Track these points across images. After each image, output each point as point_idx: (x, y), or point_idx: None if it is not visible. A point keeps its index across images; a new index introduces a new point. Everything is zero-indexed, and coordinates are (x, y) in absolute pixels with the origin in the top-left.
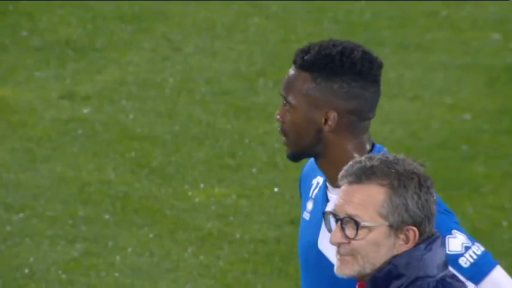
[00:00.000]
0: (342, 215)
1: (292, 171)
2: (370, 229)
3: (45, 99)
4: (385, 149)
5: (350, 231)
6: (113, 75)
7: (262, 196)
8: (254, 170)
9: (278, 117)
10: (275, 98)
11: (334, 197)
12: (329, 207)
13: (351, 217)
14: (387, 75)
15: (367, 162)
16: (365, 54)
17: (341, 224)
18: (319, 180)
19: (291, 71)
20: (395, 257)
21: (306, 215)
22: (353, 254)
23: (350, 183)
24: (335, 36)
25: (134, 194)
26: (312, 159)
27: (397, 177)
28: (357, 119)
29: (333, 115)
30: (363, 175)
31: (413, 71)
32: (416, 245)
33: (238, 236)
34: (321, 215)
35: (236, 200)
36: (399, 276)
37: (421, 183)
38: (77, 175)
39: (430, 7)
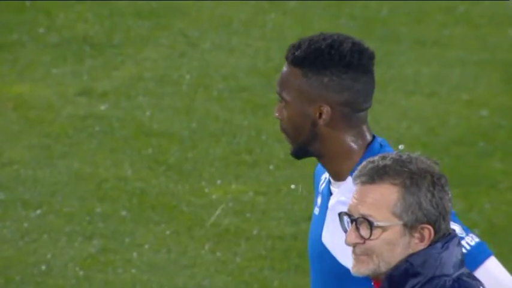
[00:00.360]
0: (356, 216)
1: (310, 167)
2: (384, 229)
3: (62, 95)
4: (386, 141)
5: (364, 231)
6: (130, 71)
7: (279, 192)
8: (271, 167)
9: (276, 114)
10: None
11: (336, 190)
12: (332, 201)
13: (364, 217)
14: (404, 72)
15: (380, 162)
16: (354, 46)
17: (355, 225)
18: (326, 175)
19: (284, 68)
20: (412, 255)
21: (316, 210)
22: (368, 253)
23: (363, 183)
24: (352, 33)
25: (151, 191)
26: None
27: (409, 176)
28: (351, 110)
29: (326, 109)
30: (375, 175)
31: (430, 67)
32: (433, 243)
33: (255, 232)
34: (325, 209)
35: (253, 196)
36: (416, 274)
37: (435, 182)
38: (94, 171)
39: (447, 3)
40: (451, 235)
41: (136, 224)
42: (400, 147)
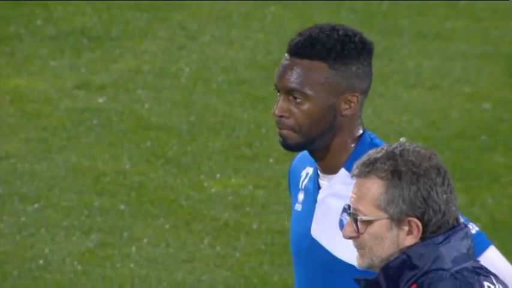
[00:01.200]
0: (351, 210)
1: None
2: (369, 223)
3: (60, 88)
4: (374, 134)
5: (357, 226)
6: (129, 64)
7: (279, 186)
8: (271, 160)
9: (279, 113)
10: None
11: (326, 183)
12: (322, 194)
13: (353, 211)
14: (405, 65)
15: (372, 155)
16: (362, 34)
17: (351, 218)
18: (308, 170)
19: (293, 63)
20: (410, 247)
21: (298, 207)
22: (362, 247)
23: (355, 177)
24: (352, 25)
25: (150, 185)
26: (302, 152)
27: (393, 169)
28: (365, 98)
29: (355, 98)
30: (365, 169)
31: (432, 60)
32: (431, 236)
33: (255, 226)
34: (312, 204)
35: (253, 190)
36: (412, 267)
37: (421, 174)
38: (92, 165)
39: None
40: (456, 228)
41: (135, 218)
42: (402, 140)
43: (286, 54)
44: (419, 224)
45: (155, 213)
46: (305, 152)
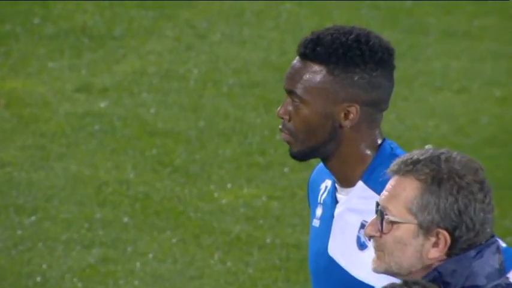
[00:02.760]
0: (380, 207)
1: None
2: (397, 224)
3: (59, 91)
4: (396, 144)
5: (382, 225)
6: (133, 65)
7: (295, 197)
8: (286, 169)
9: (282, 114)
10: None
11: (343, 197)
12: (339, 209)
13: (381, 209)
14: (431, 66)
15: (415, 156)
16: (381, 41)
17: (378, 216)
18: (327, 183)
19: (298, 64)
20: (441, 263)
21: (316, 222)
22: (382, 249)
23: (392, 173)
24: (375, 24)
25: (155, 195)
26: (321, 164)
27: (434, 174)
28: (375, 110)
29: (354, 109)
30: (404, 166)
31: (459, 61)
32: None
33: (268, 240)
34: (330, 220)
35: (266, 201)
36: (444, 284)
37: (463, 186)
38: (94, 174)
39: None
40: (488, 242)
41: (140, 232)
42: (427, 147)
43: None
44: (448, 238)
45: (161, 226)
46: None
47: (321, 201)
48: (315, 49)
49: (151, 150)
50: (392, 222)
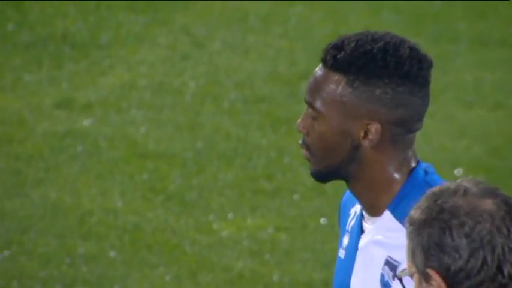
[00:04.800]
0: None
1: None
2: (412, 278)
3: (36, 108)
4: (432, 168)
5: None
6: (121, 78)
7: (306, 228)
8: (296, 196)
9: (300, 127)
10: None
11: (369, 227)
12: (363, 241)
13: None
14: (462, 79)
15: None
16: (413, 51)
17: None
18: (357, 209)
19: (319, 71)
20: None
21: (342, 253)
22: None
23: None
24: (396, 30)
25: (147, 226)
26: None
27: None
28: (403, 131)
29: (375, 127)
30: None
31: (494, 73)
32: None
33: (276, 278)
34: (353, 252)
35: (273, 233)
36: None
37: (433, 216)
38: (76, 202)
39: None
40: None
41: (128, 268)
42: (457, 171)
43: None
44: (437, 276)
45: (153, 261)
46: None
47: (349, 229)
48: (336, 56)
49: (142, 174)
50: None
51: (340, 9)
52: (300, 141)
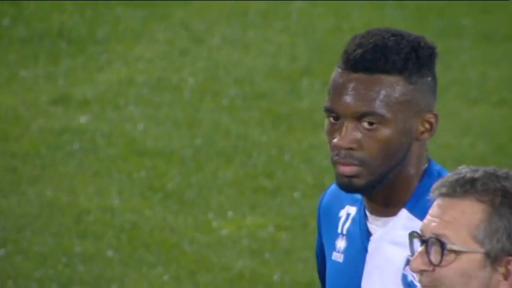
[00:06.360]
0: (428, 235)
1: None
2: (459, 254)
3: (32, 104)
4: (442, 168)
5: (435, 256)
6: (118, 73)
7: (307, 227)
8: (296, 194)
9: (348, 143)
10: (323, 103)
11: (377, 228)
12: (375, 243)
13: (437, 237)
14: (466, 74)
15: (468, 174)
16: (422, 37)
17: (426, 247)
18: (349, 210)
19: (363, 80)
20: None
21: (338, 256)
22: (436, 284)
23: (442, 195)
24: (400, 25)
25: (145, 225)
26: (333, 186)
27: (502, 194)
28: None
29: (434, 117)
30: (459, 187)
31: (499, 68)
32: None
33: (276, 277)
34: (361, 254)
35: (274, 232)
36: None
37: None
38: (73, 201)
39: None
40: None
41: (126, 267)
42: (462, 168)
43: (344, 71)
44: None
45: (151, 260)
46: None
47: (344, 232)
48: (387, 58)
49: (140, 172)
50: (456, 252)
51: (343, 4)
52: (337, 158)
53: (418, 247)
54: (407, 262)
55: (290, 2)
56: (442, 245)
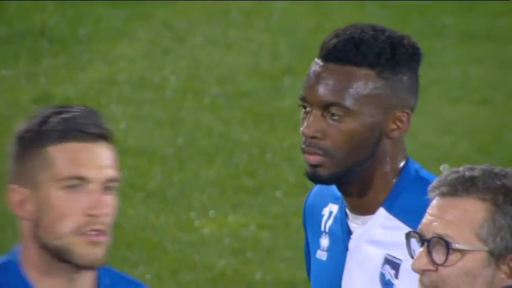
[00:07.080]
0: (429, 235)
1: None
2: (463, 254)
3: (13, 103)
4: (417, 164)
5: (438, 256)
6: (100, 72)
7: (289, 226)
8: (278, 193)
9: (313, 132)
10: None
11: (357, 226)
12: (355, 241)
13: (440, 237)
14: (448, 73)
15: (467, 172)
16: (408, 36)
17: (427, 247)
18: (331, 208)
19: (334, 70)
20: None
21: (322, 254)
22: (439, 285)
23: (443, 195)
24: (382, 24)
25: (126, 224)
26: (318, 186)
27: (503, 192)
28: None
29: (406, 116)
30: (460, 186)
31: (481, 67)
32: None
33: (258, 276)
34: (342, 253)
35: (256, 231)
36: None
37: None
38: None
39: None
40: None
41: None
42: (443, 167)
43: (318, 60)
44: None
45: (133, 259)
46: (323, 186)
47: (326, 230)
48: (359, 51)
49: (122, 171)
50: (460, 251)
51: (324, 4)
52: (304, 146)
53: (416, 247)
54: (386, 261)
55: (272, 1)
56: (447, 245)
